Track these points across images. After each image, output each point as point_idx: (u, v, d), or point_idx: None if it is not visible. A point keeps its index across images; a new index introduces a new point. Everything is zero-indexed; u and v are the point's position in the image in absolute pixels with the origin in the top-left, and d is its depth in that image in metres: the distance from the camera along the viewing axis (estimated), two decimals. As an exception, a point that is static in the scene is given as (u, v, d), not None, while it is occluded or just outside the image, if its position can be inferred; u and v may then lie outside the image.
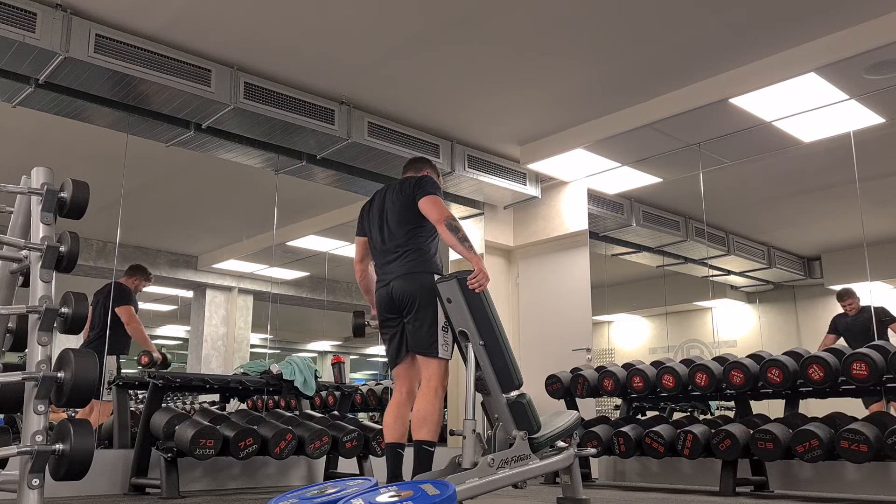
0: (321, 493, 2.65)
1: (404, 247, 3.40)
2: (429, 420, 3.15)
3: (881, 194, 5.38)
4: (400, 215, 3.45)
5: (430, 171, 3.70)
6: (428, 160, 3.80)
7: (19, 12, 3.88)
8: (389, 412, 3.38)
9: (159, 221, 7.21)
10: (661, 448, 4.62)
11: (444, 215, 3.31)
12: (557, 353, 6.16)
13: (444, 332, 3.23)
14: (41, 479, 2.27)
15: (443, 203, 3.39)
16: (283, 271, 8.06)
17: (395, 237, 3.45)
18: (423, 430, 3.14)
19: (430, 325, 3.24)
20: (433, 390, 3.20)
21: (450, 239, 3.25)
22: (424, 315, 3.26)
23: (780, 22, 4.32)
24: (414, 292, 3.29)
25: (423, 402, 3.19)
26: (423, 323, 3.26)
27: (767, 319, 6.64)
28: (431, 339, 3.22)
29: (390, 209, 3.52)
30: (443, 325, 3.23)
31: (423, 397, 3.21)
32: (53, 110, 4.61)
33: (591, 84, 5.09)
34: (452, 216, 3.34)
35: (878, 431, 3.86)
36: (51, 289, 2.49)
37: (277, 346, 9.45)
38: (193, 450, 3.90)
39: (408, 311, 3.31)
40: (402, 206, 3.47)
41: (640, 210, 6.64)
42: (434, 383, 3.21)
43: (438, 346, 3.21)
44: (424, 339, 3.24)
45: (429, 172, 3.69)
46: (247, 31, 4.35)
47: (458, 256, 3.34)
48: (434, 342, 3.21)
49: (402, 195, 3.49)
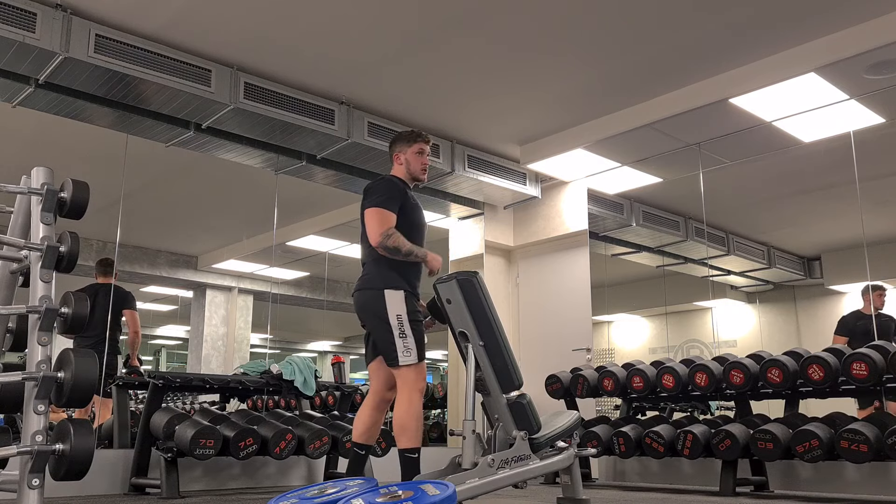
0: (321, 493, 2.66)
1: (366, 258, 3.33)
2: (407, 427, 3.11)
3: (881, 194, 5.38)
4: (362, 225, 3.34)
5: (397, 157, 3.46)
6: (396, 140, 3.49)
7: (19, 12, 3.88)
8: (359, 412, 3.37)
9: (159, 221, 7.20)
10: (661, 448, 4.62)
11: (378, 235, 3.17)
12: (557, 353, 6.15)
13: (403, 339, 3.14)
14: (41, 479, 2.27)
15: (383, 217, 3.20)
16: (283, 271, 8.05)
17: (363, 246, 3.37)
18: (403, 439, 3.12)
19: (384, 336, 3.17)
20: (406, 397, 3.14)
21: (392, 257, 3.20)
22: (377, 329, 3.21)
23: (780, 22, 4.32)
24: (361, 309, 3.27)
25: (399, 411, 3.14)
26: (379, 336, 3.21)
27: (767, 319, 6.64)
28: (390, 349, 3.14)
29: None
30: (399, 332, 3.14)
31: (398, 406, 3.17)
32: (53, 110, 4.61)
33: (591, 84, 5.09)
34: (388, 233, 3.17)
35: (878, 431, 3.86)
36: (51, 289, 2.49)
37: (277, 346, 9.45)
38: (193, 450, 3.90)
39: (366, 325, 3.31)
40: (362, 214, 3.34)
41: (640, 210, 6.64)
42: (406, 391, 3.14)
43: (398, 355, 3.12)
44: (385, 350, 3.19)
45: (397, 158, 3.46)
46: (247, 31, 4.35)
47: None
48: (393, 352, 3.14)
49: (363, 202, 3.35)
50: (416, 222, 3.37)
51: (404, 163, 3.43)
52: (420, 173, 3.44)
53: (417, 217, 3.39)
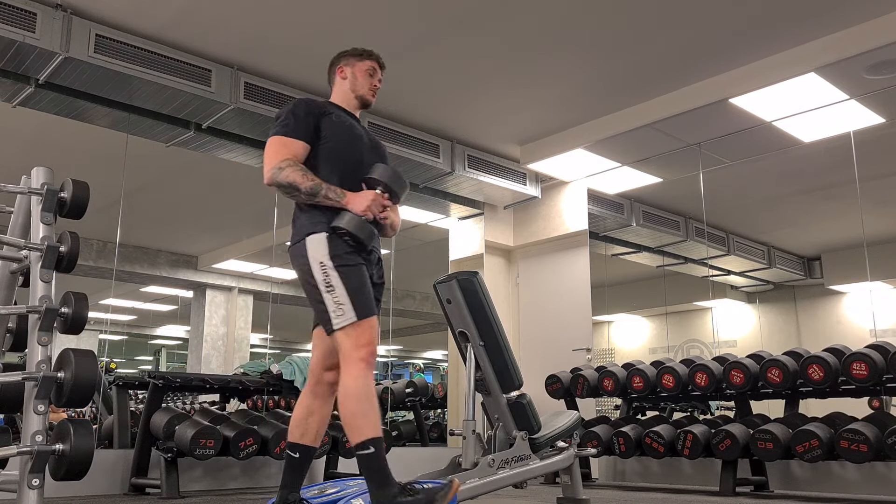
0: (321, 493, 2.66)
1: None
2: (351, 414, 2.27)
3: (881, 194, 5.38)
4: None
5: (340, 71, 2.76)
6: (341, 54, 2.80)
7: (19, 12, 3.88)
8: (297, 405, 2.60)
9: (159, 221, 7.21)
10: (661, 448, 4.62)
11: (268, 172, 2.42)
12: (557, 353, 6.15)
13: (330, 292, 2.35)
14: (41, 479, 2.27)
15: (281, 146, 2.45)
16: (283, 271, 8.04)
17: None
18: (351, 431, 2.27)
19: (313, 296, 2.41)
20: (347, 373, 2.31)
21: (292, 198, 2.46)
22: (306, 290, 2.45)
23: (780, 22, 4.32)
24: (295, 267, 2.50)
25: (342, 390, 2.31)
26: (310, 298, 2.44)
27: (767, 319, 6.65)
28: (320, 310, 2.38)
29: None
30: (325, 285, 2.36)
31: (341, 383, 2.33)
32: (53, 110, 4.60)
33: (592, 84, 5.09)
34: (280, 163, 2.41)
35: (878, 431, 3.86)
36: (51, 289, 2.49)
37: (277, 346, 9.45)
38: (193, 450, 3.90)
39: None
40: None
41: (640, 210, 6.64)
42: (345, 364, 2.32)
43: (330, 316, 2.34)
44: (318, 316, 2.43)
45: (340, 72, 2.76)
46: (247, 31, 4.35)
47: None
48: (325, 313, 2.35)
49: None
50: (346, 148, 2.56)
51: (349, 78, 2.72)
52: (369, 94, 2.72)
53: (348, 140, 2.57)
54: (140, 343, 10.21)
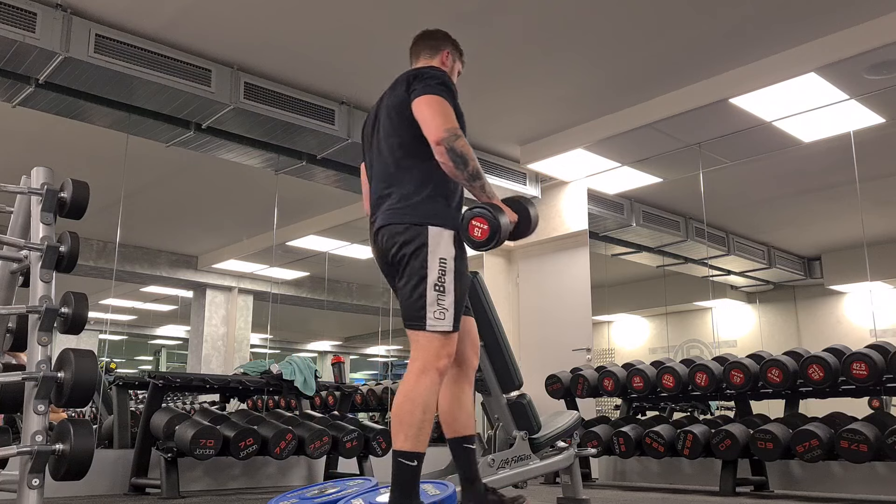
0: (321, 493, 2.66)
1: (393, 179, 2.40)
2: (405, 421, 2.20)
3: (881, 194, 5.38)
4: (388, 129, 2.46)
5: (446, 54, 2.62)
6: (445, 38, 2.67)
7: (19, 12, 3.88)
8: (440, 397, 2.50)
9: (159, 221, 7.21)
10: (661, 448, 4.62)
11: (442, 129, 2.25)
12: (557, 354, 6.16)
13: (439, 293, 2.25)
14: (41, 479, 2.27)
15: (446, 109, 2.31)
16: (283, 271, 8.06)
17: (384, 162, 2.46)
18: (400, 435, 2.21)
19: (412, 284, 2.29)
20: (415, 374, 2.24)
21: (452, 172, 2.28)
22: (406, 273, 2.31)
23: (780, 22, 4.31)
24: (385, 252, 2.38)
25: (410, 391, 2.23)
26: (405, 285, 2.31)
27: (767, 319, 6.65)
28: (416, 304, 2.27)
29: (383, 119, 2.51)
30: (436, 283, 2.25)
31: (411, 384, 2.24)
32: (53, 110, 4.61)
33: (592, 84, 5.09)
34: (457, 131, 2.27)
35: (877, 431, 3.86)
36: (51, 289, 2.49)
37: (277, 346, 9.45)
38: (193, 450, 3.90)
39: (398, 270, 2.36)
40: (393, 112, 2.45)
41: (640, 210, 6.65)
42: (419, 365, 2.25)
43: (427, 314, 2.24)
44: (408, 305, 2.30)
45: (446, 55, 2.62)
46: (247, 31, 4.35)
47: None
48: (421, 308, 2.25)
49: (393, 96, 2.48)
50: None
51: (448, 69, 2.61)
52: None
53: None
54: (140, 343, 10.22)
